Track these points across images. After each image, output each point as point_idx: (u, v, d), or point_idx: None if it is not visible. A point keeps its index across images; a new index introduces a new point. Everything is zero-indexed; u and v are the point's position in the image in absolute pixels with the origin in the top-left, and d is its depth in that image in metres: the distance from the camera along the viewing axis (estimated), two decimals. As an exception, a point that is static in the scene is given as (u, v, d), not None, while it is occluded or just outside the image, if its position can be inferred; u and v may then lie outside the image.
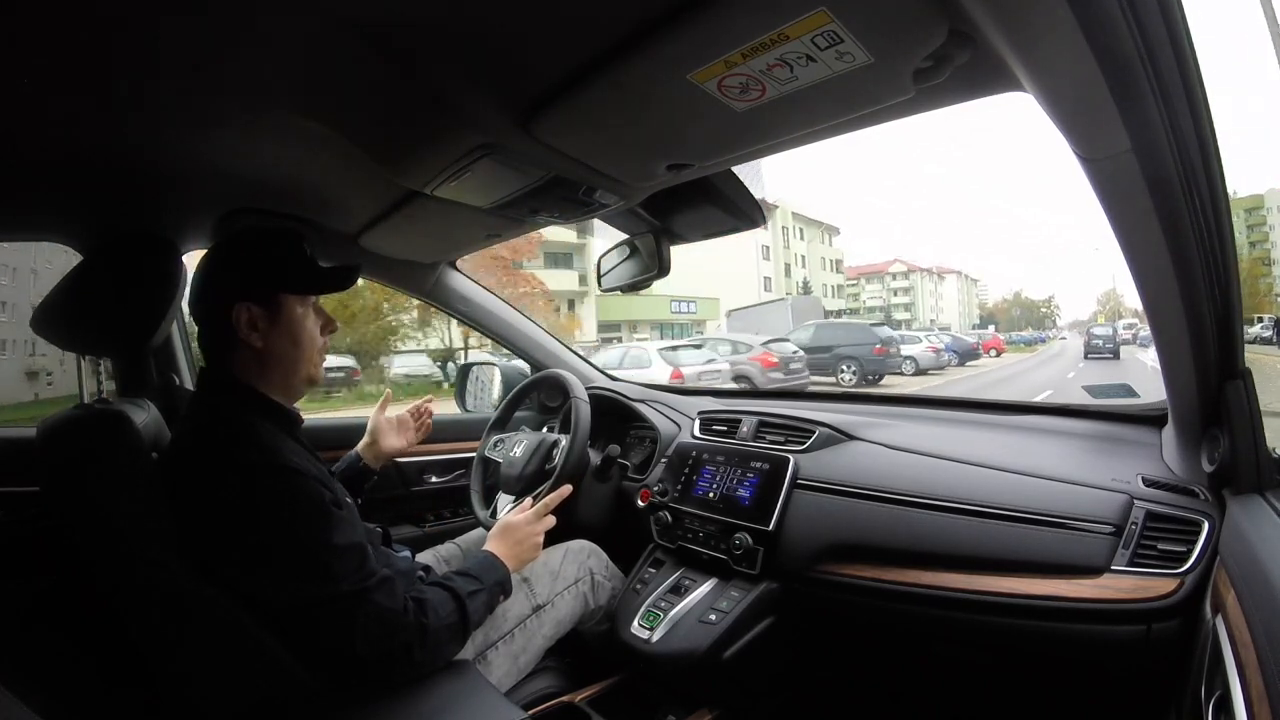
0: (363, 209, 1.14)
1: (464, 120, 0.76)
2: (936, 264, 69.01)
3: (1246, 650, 0.52)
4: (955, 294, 69.04)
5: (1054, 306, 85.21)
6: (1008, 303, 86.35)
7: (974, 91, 0.66)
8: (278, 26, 0.59)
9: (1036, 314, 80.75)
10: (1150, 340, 0.83)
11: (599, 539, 1.26)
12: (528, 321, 1.71)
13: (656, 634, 1.08)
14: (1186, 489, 0.86)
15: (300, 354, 0.87)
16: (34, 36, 0.57)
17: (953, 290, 68.85)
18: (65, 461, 0.77)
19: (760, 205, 1.14)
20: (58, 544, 0.77)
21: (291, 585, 0.74)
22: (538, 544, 1.04)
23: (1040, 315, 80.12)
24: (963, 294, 71.38)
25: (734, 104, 0.67)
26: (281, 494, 0.74)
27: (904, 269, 62.89)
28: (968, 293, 73.68)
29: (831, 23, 0.53)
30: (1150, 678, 0.78)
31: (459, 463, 1.59)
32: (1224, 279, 0.69)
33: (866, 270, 63.85)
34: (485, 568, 0.94)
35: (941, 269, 68.52)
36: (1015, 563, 0.88)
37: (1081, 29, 0.48)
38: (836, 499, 1.08)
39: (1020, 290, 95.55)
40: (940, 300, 66.28)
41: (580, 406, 1.31)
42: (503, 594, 0.96)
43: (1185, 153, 0.58)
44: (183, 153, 0.86)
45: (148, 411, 1.00)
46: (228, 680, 0.75)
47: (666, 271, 1.25)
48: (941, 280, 67.54)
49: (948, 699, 1.07)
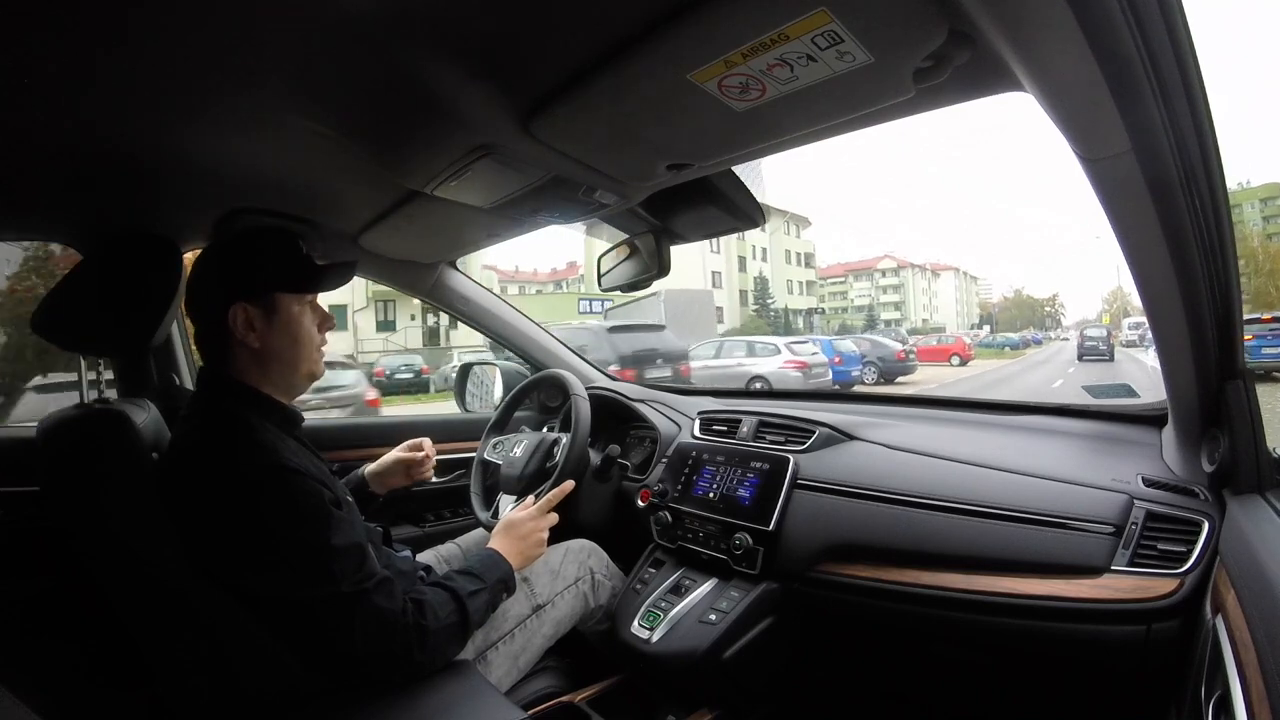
0: (363, 209, 1.14)
1: (464, 120, 0.76)
2: (932, 261, 66.35)
3: (1246, 650, 0.52)
4: (953, 292, 65.52)
5: (1058, 305, 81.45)
6: (1008, 301, 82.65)
7: (974, 91, 0.66)
8: (278, 26, 0.59)
9: (1038, 313, 77.61)
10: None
11: (599, 539, 1.26)
12: (528, 321, 1.71)
13: (656, 634, 1.08)
14: (1186, 489, 0.86)
15: (299, 352, 0.87)
16: (34, 36, 0.57)
17: (949, 288, 65.51)
18: (65, 461, 0.77)
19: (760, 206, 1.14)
20: (58, 544, 0.77)
21: (291, 585, 0.74)
22: (542, 540, 1.04)
23: (1043, 315, 76.91)
24: (961, 292, 67.94)
25: (734, 104, 0.67)
26: (281, 494, 0.74)
27: (894, 265, 60.37)
28: (967, 291, 70.57)
29: (832, 22, 0.53)
30: (1150, 678, 0.78)
31: (459, 463, 1.59)
32: (1224, 279, 0.69)
33: (855, 267, 61.60)
34: (488, 565, 0.94)
35: (937, 266, 65.27)
36: (1015, 563, 0.88)
37: (1081, 29, 0.48)
38: (837, 499, 1.08)
39: (1021, 288, 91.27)
40: (935, 299, 63.49)
41: (580, 404, 1.31)
42: (506, 591, 0.95)
43: (1185, 153, 0.58)
44: (183, 153, 0.86)
45: (148, 411, 1.00)
46: (227, 680, 0.75)
47: (666, 271, 1.26)
48: (936, 277, 64.24)
49: (948, 699, 1.07)
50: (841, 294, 59.18)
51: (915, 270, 61.05)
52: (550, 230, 1.30)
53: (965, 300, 69.17)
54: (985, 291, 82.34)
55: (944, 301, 63.52)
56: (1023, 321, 71.68)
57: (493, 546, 0.99)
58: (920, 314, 58.59)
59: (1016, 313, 76.90)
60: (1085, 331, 21.23)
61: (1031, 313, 77.01)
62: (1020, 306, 79.60)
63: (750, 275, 34.02)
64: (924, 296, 61.56)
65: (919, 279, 61.05)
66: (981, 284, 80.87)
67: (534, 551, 1.03)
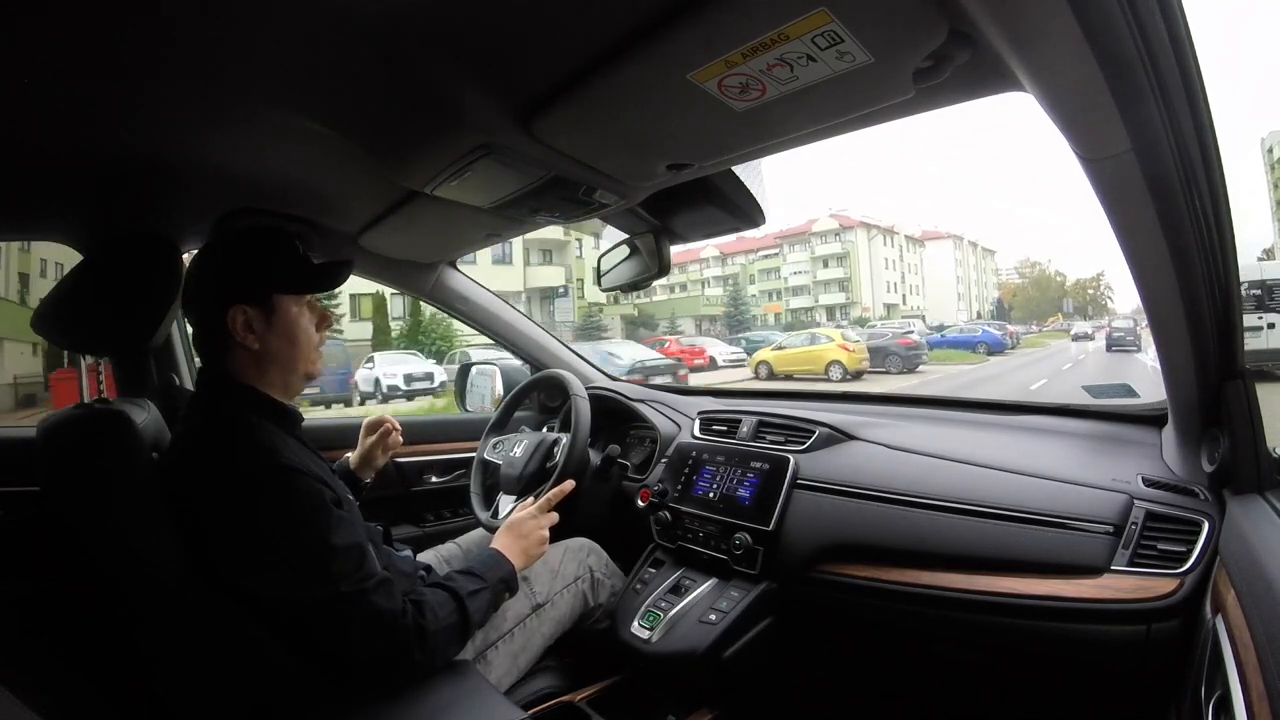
0: (363, 209, 1.14)
1: (464, 120, 0.76)
2: (926, 230, 46.03)
3: (1246, 650, 0.52)
4: (952, 269, 45.60)
5: (1104, 288, 57.13)
6: (1024, 281, 60.07)
7: (974, 91, 0.66)
8: (278, 26, 0.59)
9: (1081, 298, 55.34)
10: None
11: (599, 539, 1.26)
12: (528, 321, 1.71)
13: (656, 634, 1.08)
14: (1186, 489, 0.86)
15: (298, 353, 0.87)
16: (34, 36, 0.57)
17: (946, 264, 45.24)
18: (66, 461, 0.77)
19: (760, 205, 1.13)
20: (58, 544, 0.77)
21: (290, 585, 0.74)
22: (544, 539, 1.04)
23: (1085, 300, 55.64)
24: (965, 269, 47.60)
25: (734, 104, 0.67)
26: (281, 493, 0.74)
27: (835, 226, 38.18)
28: (975, 268, 49.69)
29: (832, 22, 0.53)
30: (1150, 678, 0.78)
31: (459, 463, 1.59)
32: (1224, 279, 0.69)
33: (789, 234, 39.34)
34: (490, 565, 0.94)
35: (929, 234, 45.37)
36: (1015, 563, 0.88)
37: (1081, 29, 0.48)
38: (836, 499, 1.08)
39: (1038, 263, 63.81)
40: (922, 278, 42.94)
41: (580, 404, 1.31)
42: (508, 591, 0.95)
43: (1185, 153, 0.58)
44: (183, 153, 0.86)
45: (148, 411, 0.99)
46: (228, 679, 0.75)
47: (666, 271, 1.26)
48: (921, 247, 43.45)
49: (947, 699, 1.07)
50: (774, 271, 39.71)
51: (875, 232, 38.86)
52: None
53: (976, 281, 49.59)
54: (1009, 273, 62.28)
55: (938, 283, 44.46)
56: (1049, 307, 51.18)
57: (495, 547, 0.99)
58: (883, 296, 38.31)
59: (1036, 293, 56.58)
60: (1113, 323, 20.85)
61: (1045, 294, 56.25)
62: (1039, 286, 58.71)
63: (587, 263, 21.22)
64: (893, 272, 39.61)
65: (880, 247, 38.96)
66: (998, 258, 58.44)
67: (536, 551, 1.03)
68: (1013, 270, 63.30)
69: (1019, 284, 60.02)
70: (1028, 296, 56.37)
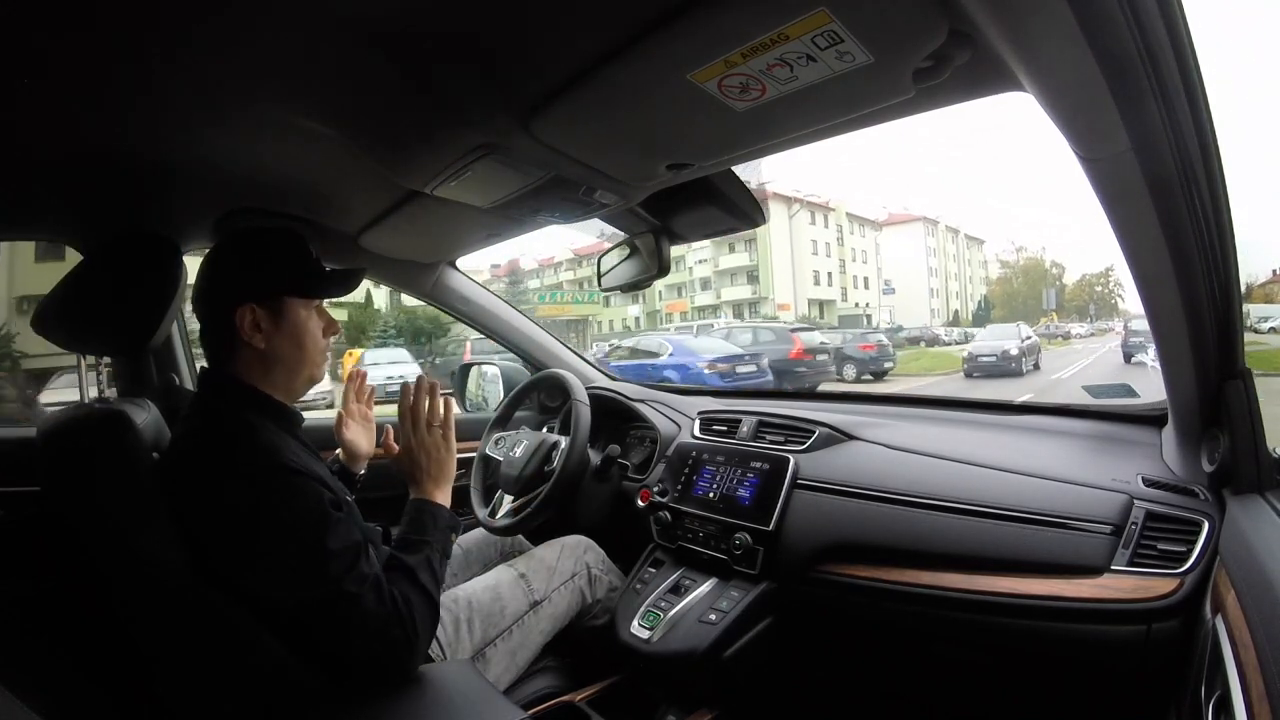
0: (363, 209, 1.14)
1: (464, 120, 0.76)
2: (895, 212, 37.35)
3: (1246, 650, 0.52)
4: (923, 260, 36.58)
5: (1113, 284, 45.46)
6: (1008, 271, 48.49)
7: (974, 91, 0.66)
8: (278, 26, 0.59)
9: (1087, 294, 45.69)
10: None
11: (599, 538, 1.26)
12: (528, 321, 1.71)
13: (656, 634, 1.08)
14: (1186, 489, 0.86)
15: (303, 356, 0.87)
16: (34, 36, 0.57)
17: (915, 251, 36.29)
18: (66, 461, 0.77)
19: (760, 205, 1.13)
20: (58, 544, 0.77)
21: (289, 585, 0.74)
22: (442, 457, 0.99)
23: (1089, 298, 45.37)
24: (941, 259, 38.64)
25: (734, 104, 0.67)
26: (281, 494, 0.74)
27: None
28: (956, 259, 40.56)
29: (832, 22, 0.53)
30: (1150, 678, 0.78)
31: (459, 463, 1.59)
32: (1224, 279, 0.69)
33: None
34: (421, 522, 0.91)
35: (895, 217, 37.03)
36: (1015, 563, 0.88)
37: (1081, 29, 0.48)
38: (836, 499, 1.08)
39: (1023, 247, 50.68)
40: (876, 268, 34.36)
41: (580, 409, 1.31)
42: (453, 530, 0.93)
43: (1185, 153, 0.58)
44: (183, 153, 0.86)
45: (148, 411, 1.00)
46: (228, 679, 0.75)
47: (666, 271, 1.26)
48: (876, 230, 35.17)
49: (947, 699, 1.07)
50: (678, 260, 27.22)
51: (799, 207, 29.84)
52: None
53: (958, 274, 40.72)
54: (1003, 263, 50.52)
55: (903, 272, 35.32)
56: (1040, 304, 38.48)
57: (415, 496, 0.95)
58: (809, 290, 29.81)
59: (1023, 287, 45.36)
60: (1129, 324, 16.98)
61: (1033, 288, 44.43)
62: (1028, 277, 47.34)
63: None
64: (827, 259, 31.08)
65: (807, 225, 30.18)
66: (986, 248, 48.40)
67: (447, 470, 0.98)
68: (996, 260, 50.17)
69: (1001, 275, 48.99)
70: (1013, 290, 45.56)
